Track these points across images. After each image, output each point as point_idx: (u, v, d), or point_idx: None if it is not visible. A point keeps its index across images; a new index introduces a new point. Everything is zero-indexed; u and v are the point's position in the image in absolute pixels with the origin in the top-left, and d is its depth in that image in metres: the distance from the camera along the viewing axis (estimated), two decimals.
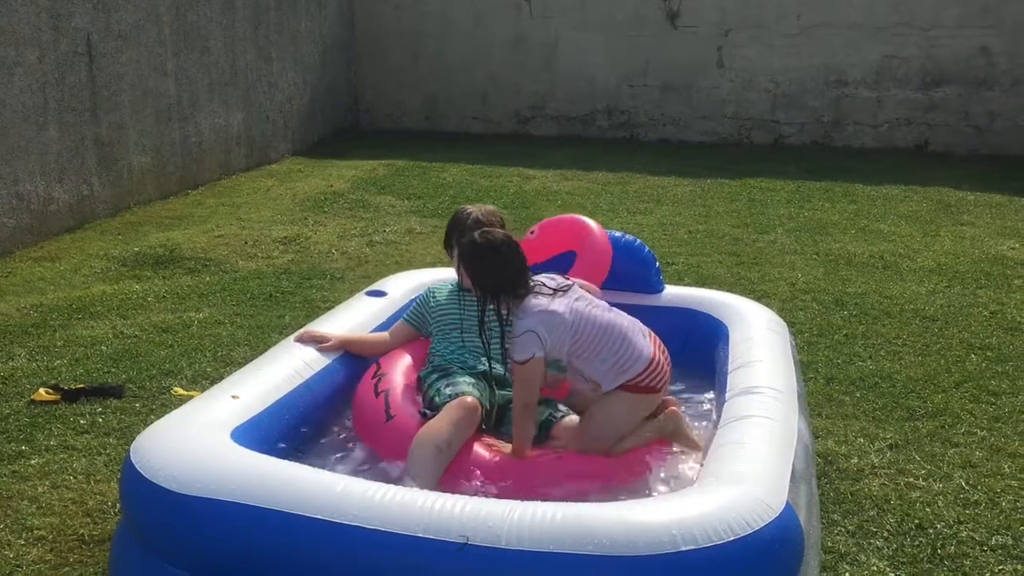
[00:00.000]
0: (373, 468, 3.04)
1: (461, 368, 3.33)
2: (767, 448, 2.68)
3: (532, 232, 4.09)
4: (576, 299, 3.09)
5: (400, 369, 3.37)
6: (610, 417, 3.07)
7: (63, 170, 7.18)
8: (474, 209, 3.58)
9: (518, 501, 2.27)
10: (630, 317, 3.17)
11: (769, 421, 2.86)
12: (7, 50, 6.57)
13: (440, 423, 2.97)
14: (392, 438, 3.10)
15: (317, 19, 11.31)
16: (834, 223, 7.79)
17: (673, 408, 3.18)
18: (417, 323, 3.63)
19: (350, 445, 3.24)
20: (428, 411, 3.15)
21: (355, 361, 3.52)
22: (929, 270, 6.49)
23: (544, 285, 3.09)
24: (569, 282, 3.18)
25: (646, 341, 3.11)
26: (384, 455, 3.11)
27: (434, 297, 3.62)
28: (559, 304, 3.04)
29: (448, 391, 3.16)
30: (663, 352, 3.15)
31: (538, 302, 3.03)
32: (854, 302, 5.77)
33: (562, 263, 3.88)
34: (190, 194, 8.67)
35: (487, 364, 3.36)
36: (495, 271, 3.05)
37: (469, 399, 3.06)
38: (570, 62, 11.98)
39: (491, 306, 3.11)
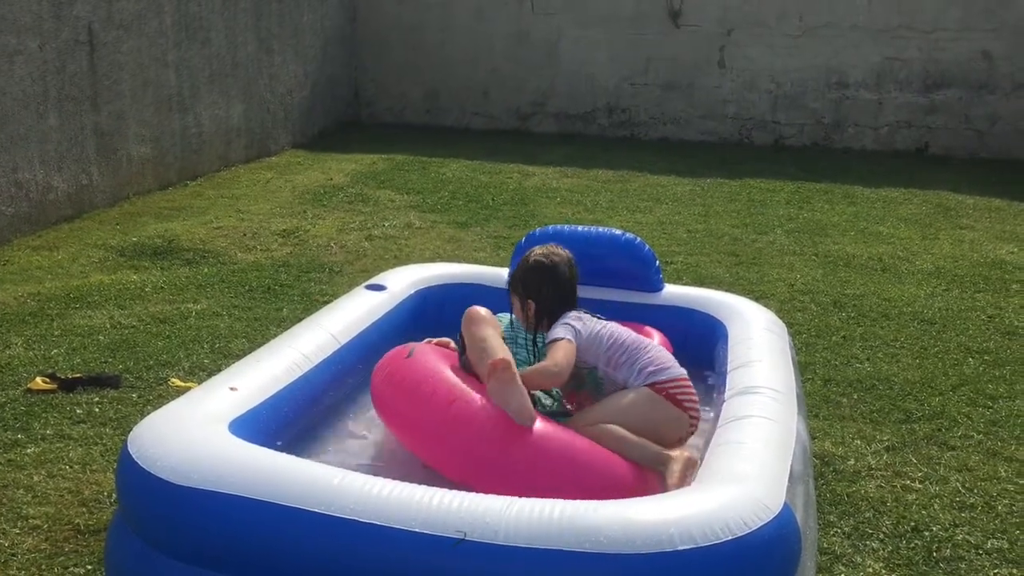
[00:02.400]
0: (372, 462, 3.04)
1: None
2: (765, 448, 2.67)
3: None
4: (611, 322, 3.26)
5: (436, 347, 3.29)
6: (623, 402, 3.03)
7: (62, 159, 7.16)
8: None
9: (517, 497, 2.27)
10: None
11: (768, 421, 2.86)
12: (8, 38, 6.55)
13: (467, 340, 3.02)
14: (408, 374, 3.01)
15: (319, 11, 11.29)
16: (833, 225, 7.79)
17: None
18: None
19: (349, 439, 3.23)
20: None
21: (355, 355, 3.52)
22: (928, 273, 6.50)
23: (585, 310, 3.29)
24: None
25: (684, 372, 3.15)
26: (395, 399, 3.05)
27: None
28: (596, 321, 3.22)
29: None
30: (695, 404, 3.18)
31: (579, 314, 3.23)
32: (852, 304, 5.78)
33: None
34: (189, 185, 8.66)
35: None
36: (549, 284, 3.26)
37: (472, 307, 3.11)
38: (571, 59, 11.96)
39: (529, 334, 3.29)
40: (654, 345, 3.21)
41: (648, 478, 2.84)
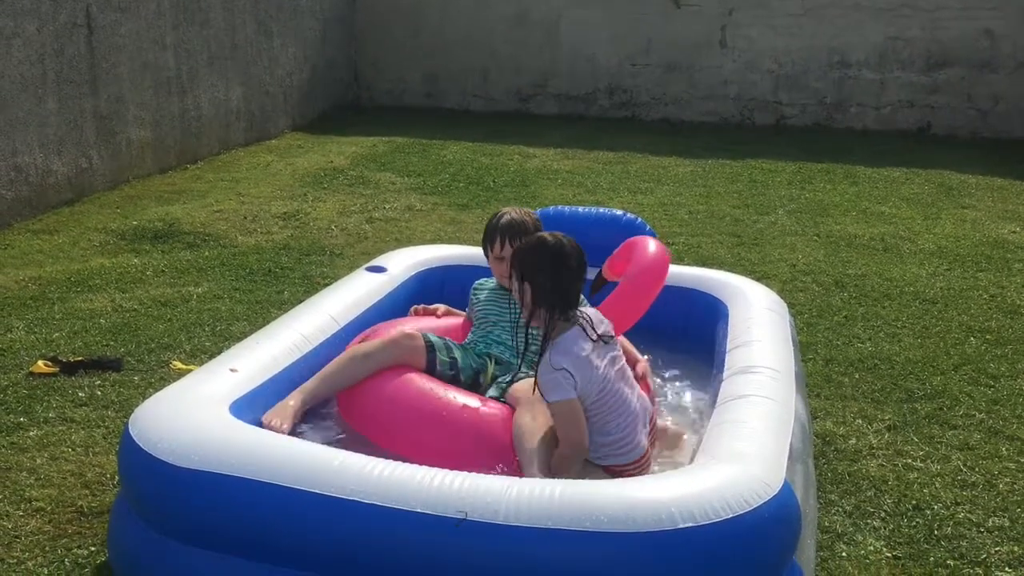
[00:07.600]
0: (370, 443, 3.04)
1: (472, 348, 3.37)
2: (765, 427, 2.68)
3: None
4: (613, 358, 2.90)
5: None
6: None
7: (62, 143, 7.14)
8: (509, 210, 3.49)
9: (517, 478, 2.27)
10: (646, 401, 2.99)
11: (767, 401, 2.86)
12: (5, 21, 6.52)
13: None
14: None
15: None
16: (835, 205, 7.78)
17: None
18: (471, 315, 3.68)
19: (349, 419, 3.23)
20: None
21: (355, 336, 3.52)
22: (930, 253, 6.49)
23: (591, 324, 2.87)
24: (612, 334, 2.95)
25: (645, 431, 2.92)
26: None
27: (476, 295, 3.61)
28: (597, 357, 2.83)
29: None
30: (651, 440, 2.99)
31: (582, 345, 2.80)
32: (854, 284, 5.77)
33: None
34: (189, 168, 8.64)
35: (512, 356, 3.31)
36: (550, 269, 2.83)
37: (415, 335, 3.21)
38: (572, 40, 11.91)
39: (532, 328, 2.93)
40: (630, 413, 2.87)
41: None
